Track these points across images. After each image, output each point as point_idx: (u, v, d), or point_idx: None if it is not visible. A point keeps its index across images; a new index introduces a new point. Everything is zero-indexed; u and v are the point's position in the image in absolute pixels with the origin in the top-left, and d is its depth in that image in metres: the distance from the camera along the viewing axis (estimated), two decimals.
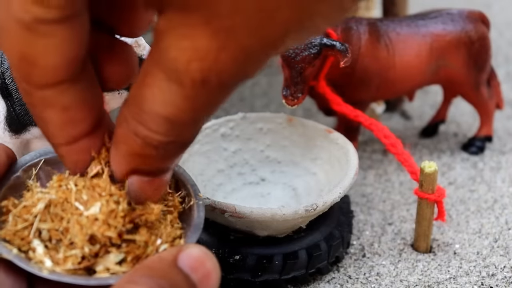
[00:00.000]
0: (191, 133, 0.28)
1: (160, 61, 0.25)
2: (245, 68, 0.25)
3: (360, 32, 0.57)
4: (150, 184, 0.30)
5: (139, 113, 0.27)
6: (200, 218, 0.35)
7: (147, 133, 0.27)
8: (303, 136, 0.57)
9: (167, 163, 0.29)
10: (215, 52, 0.23)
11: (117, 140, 0.29)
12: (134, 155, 0.28)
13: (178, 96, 0.25)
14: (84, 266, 0.30)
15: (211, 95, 0.26)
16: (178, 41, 0.24)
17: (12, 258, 0.30)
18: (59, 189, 0.31)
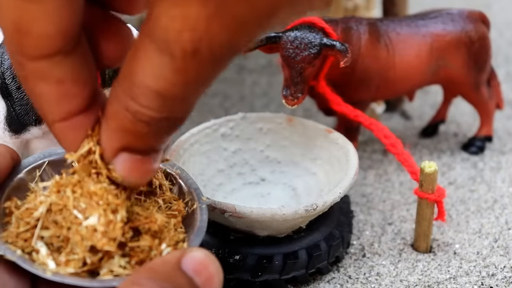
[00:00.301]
0: (183, 109, 0.27)
1: (151, 32, 0.25)
2: (237, 38, 0.24)
3: (360, 32, 0.57)
4: (140, 164, 0.29)
5: (130, 87, 0.26)
6: (203, 221, 0.35)
7: (138, 108, 0.26)
8: (303, 136, 0.57)
9: (159, 141, 0.28)
10: (206, 20, 0.23)
11: (108, 116, 0.28)
12: (125, 132, 0.28)
13: (169, 69, 0.25)
14: (88, 269, 0.30)
15: (202, 68, 0.25)
16: (168, 9, 0.23)
17: (16, 259, 0.30)
18: (58, 194, 0.31)
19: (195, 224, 0.35)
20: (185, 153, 0.53)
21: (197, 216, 0.35)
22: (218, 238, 0.49)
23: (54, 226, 0.31)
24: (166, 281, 0.27)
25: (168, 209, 0.35)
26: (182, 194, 0.37)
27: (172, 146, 0.53)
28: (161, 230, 0.33)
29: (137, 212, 0.33)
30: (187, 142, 0.54)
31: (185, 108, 0.27)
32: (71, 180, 0.32)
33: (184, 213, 0.35)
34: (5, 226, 0.32)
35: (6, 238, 0.31)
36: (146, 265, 0.28)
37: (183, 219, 0.35)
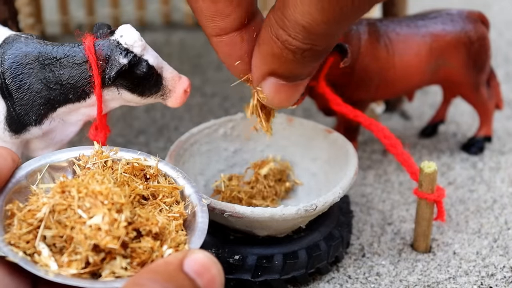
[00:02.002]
0: (325, 43, 0.31)
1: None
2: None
3: (359, 32, 0.57)
4: (285, 88, 0.33)
5: (282, 18, 0.30)
6: (204, 223, 0.35)
7: (286, 37, 0.30)
8: (302, 136, 0.57)
9: (302, 69, 0.32)
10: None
11: (260, 42, 0.32)
12: (274, 57, 0.31)
13: (315, 8, 0.28)
14: (90, 271, 0.30)
15: (343, 9, 0.28)
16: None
17: (18, 261, 0.30)
18: (62, 195, 0.31)
19: (196, 226, 0.35)
20: (185, 153, 0.53)
21: (198, 218, 0.35)
22: (218, 238, 0.49)
23: (58, 226, 0.31)
24: (168, 283, 0.27)
25: (170, 211, 0.35)
26: (183, 196, 0.37)
27: (172, 146, 0.53)
28: (162, 232, 0.33)
29: (139, 214, 0.33)
30: (187, 142, 0.54)
31: (327, 43, 0.31)
32: (76, 181, 0.32)
33: (185, 215, 0.35)
34: (7, 228, 0.32)
35: (8, 240, 0.31)
36: (149, 266, 0.29)
37: (185, 221, 0.36)
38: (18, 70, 0.46)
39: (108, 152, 0.38)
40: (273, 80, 0.33)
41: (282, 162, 0.57)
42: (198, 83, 0.81)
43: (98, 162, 0.37)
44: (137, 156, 0.39)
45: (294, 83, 0.34)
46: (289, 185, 0.55)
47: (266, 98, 0.34)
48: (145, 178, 0.37)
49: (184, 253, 0.29)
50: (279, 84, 0.33)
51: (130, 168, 0.37)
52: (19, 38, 0.48)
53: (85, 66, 0.45)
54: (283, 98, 0.34)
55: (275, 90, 0.34)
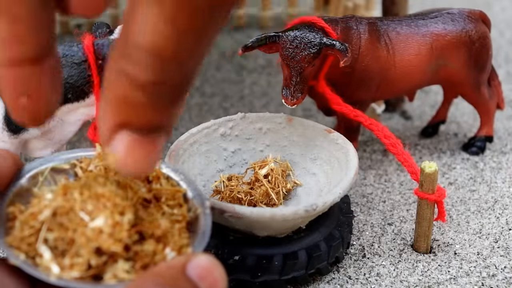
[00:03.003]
0: (181, 72, 0.25)
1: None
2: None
3: (360, 32, 0.56)
4: (141, 144, 0.26)
5: (125, 47, 0.24)
6: (207, 226, 0.35)
7: (133, 70, 0.24)
8: (302, 136, 0.57)
9: (158, 114, 0.26)
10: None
11: (105, 87, 0.26)
12: (123, 102, 0.25)
13: (159, 20, 0.23)
14: (92, 274, 0.30)
15: (195, 17, 0.23)
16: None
17: (19, 263, 0.30)
18: (64, 197, 0.31)
19: (199, 229, 0.35)
20: (185, 153, 0.53)
21: (201, 221, 0.35)
22: (217, 239, 0.48)
23: (59, 229, 0.31)
24: (170, 286, 0.27)
25: (172, 214, 0.35)
26: (186, 199, 0.37)
27: (172, 146, 0.52)
28: (165, 235, 0.33)
29: (141, 217, 0.33)
30: (187, 142, 0.54)
31: (183, 71, 0.25)
32: (79, 183, 0.32)
33: (188, 218, 0.35)
34: (9, 231, 0.32)
35: (10, 243, 0.31)
36: (151, 269, 0.28)
37: (187, 224, 0.35)
38: None
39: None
40: (126, 135, 0.26)
41: (282, 162, 0.56)
42: (198, 83, 0.80)
43: (100, 164, 0.37)
44: None
45: (151, 137, 0.26)
46: (289, 185, 0.55)
47: (118, 159, 0.26)
48: (147, 181, 0.37)
49: (187, 257, 0.28)
50: (133, 140, 0.26)
51: None
52: None
53: (84, 65, 0.45)
54: (138, 157, 0.26)
55: (129, 147, 0.26)
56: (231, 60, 0.80)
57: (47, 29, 0.27)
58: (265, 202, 0.53)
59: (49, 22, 0.27)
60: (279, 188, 0.54)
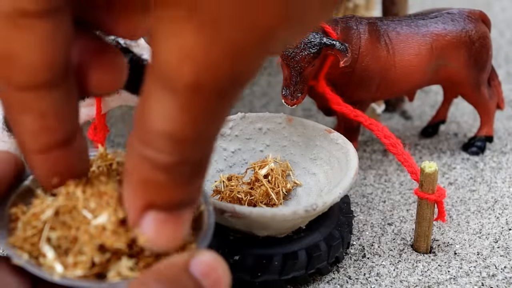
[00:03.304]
0: (199, 151, 0.26)
1: (154, 69, 0.24)
2: (239, 66, 0.23)
3: (360, 32, 0.56)
4: (168, 223, 0.27)
5: (143, 133, 0.25)
6: (211, 224, 0.35)
7: (153, 154, 0.25)
8: (302, 136, 0.57)
9: (183, 191, 0.27)
10: (203, 48, 0.22)
11: (128, 172, 0.27)
12: (146, 184, 0.26)
13: (175, 107, 0.24)
14: (96, 272, 0.30)
15: (208, 103, 0.24)
16: (165, 41, 0.22)
17: (23, 263, 0.30)
18: (67, 196, 0.31)
19: (202, 227, 0.35)
20: None
21: (205, 219, 0.35)
22: (217, 239, 0.48)
23: (62, 227, 0.31)
24: (174, 283, 0.27)
25: None
26: None
27: None
28: None
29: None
30: None
31: (201, 150, 0.26)
32: (81, 181, 0.32)
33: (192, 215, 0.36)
34: (12, 232, 0.32)
35: (13, 243, 0.31)
36: (154, 266, 0.28)
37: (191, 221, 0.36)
38: None
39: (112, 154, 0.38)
40: (153, 215, 0.27)
41: (282, 162, 0.56)
42: None
43: (103, 165, 0.37)
44: None
45: (178, 213, 0.27)
46: (289, 185, 0.55)
47: (149, 240, 0.28)
48: None
49: (190, 254, 0.28)
50: (161, 218, 0.27)
51: None
52: None
53: None
54: (170, 235, 0.28)
55: (158, 227, 0.27)
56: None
57: (72, 117, 0.28)
58: (265, 202, 0.53)
59: (74, 111, 0.28)
60: (279, 188, 0.54)
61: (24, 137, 0.28)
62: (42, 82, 0.26)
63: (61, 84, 0.27)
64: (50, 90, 0.27)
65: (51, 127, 0.28)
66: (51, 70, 0.26)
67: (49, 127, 0.28)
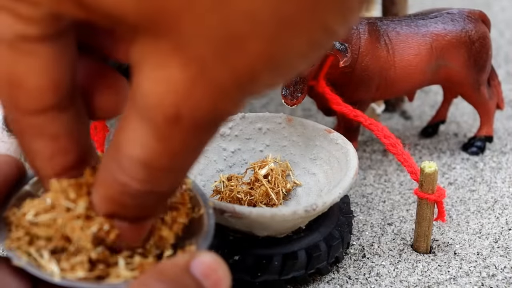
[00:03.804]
0: (169, 183, 0.26)
1: (134, 98, 0.24)
2: (220, 105, 0.23)
3: (359, 32, 0.56)
4: (129, 229, 0.29)
5: (118, 157, 0.25)
6: (211, 226, 0.35)
7: (125, 179, 0.26)
8: (302, 136, 0.57)
9: (144, 212, 0.28)
10: (187, 83, 0.22)
11: (98, 183, 0.28)
12: (112, 201, 0.27)
13: (152, 138, 0.24)
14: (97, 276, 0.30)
15: (186, 136, 0.24)
16: (149, 73, 0.22)
17: (23, 265, 0.30)
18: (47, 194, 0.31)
19: (202, 229, 0.35)
20: None
21: (205, 221, 0.36)
22: (217, 239, 0.48)
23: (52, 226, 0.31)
24: (175, 284, 0.27)
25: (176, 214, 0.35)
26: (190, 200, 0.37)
27: None
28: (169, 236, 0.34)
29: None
30: None
31: (172, 182, 0.26)
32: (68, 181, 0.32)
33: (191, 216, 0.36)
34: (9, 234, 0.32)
35: (8, 245, 0.31)
36: (155, 267, 0.29)
37: (191, 224, 0.36)
38: None
39: None
40: (115, 221, 0.29)
41: (282, 162, 0.56)
42: None
43: None
44: None
45: (140, 224, 0.29)
46: (289, 185, 0.55)
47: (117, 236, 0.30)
48: None
49: (191, 255, 0.29)
50: (124, 226, 0.29)
51: None
52: None
53: None
54: (128, 238, 0.29)
55: (120, 231, 0.29)
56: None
57: (85, 137, 0.29)
58: (265, 202, 0.53)
59: (85, 131, 0.29)
60: (278, 188, 0.54)
61: (39, 164, 0.29)
62: (50, 106, 0.27)
63: (69, 106, 0.27)
64: (60, 113, 0.27)
65: (65, 149, 0.28)
66: (58, 93, 0.26)
67: (62, 149, 0.28)
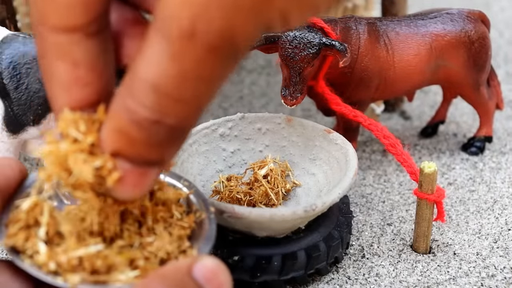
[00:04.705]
0: (178, 114, 0.25)
1: (155, 18, 0.24)
2: (233, 23, 0.23)
3: (359, 32, 0.56)
4: (131, 175, 0.28)
5: (130, 82, 0.25)
6: (212, 230, 0.35)
7: (134, 106, 0.25)
8: (302, 136, 0.57)
9: (151, 151, 0.27)
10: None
11: (108, 115, 0.27)
12: (120, 134, 0.26)
13: (165, 55, 0.24)
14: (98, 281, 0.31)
15: (199, 57, 0.24)
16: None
17: (26, 266, 0.30)
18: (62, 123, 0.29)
19: (204, 233, 0.35)
20: (184, 154, 0.53)
21: (206, 225, 0.36)
22: (216, 239, 0.48)
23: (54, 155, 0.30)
24: (178, 287, 0.27)
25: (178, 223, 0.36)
26: (191, 204, 0.38)
27: None
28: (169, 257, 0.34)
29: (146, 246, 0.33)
30: (186, 143, 0.54)
31: (181, 114, 0.26)
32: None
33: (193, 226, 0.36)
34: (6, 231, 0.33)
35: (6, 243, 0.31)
36: (158, 271, 0.29)
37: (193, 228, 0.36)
38: (16, 70, 0.46)
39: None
40: (119, 162, 0.27)
41: (281, 163, 0.56)
42: None
43: None
44: None
45: (143, 170, 0.28)
46: (289, 185, 0.55)
47: (114, 182, 0.28)
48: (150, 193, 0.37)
49: (193, 259, 0.29)
50: (125, 168, 0.27)
51: None
52: (17, 37, 0.48)
53: None
54: (127, 185, 0.28)
55: (120, 174, 0.28)
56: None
57: (107, 73, 0.28)
58: (264, 203, 0.53)
59: (109, 66, 0.28)
60: (278, 189, 0.54)
61: (57, 92, 0.28)
62: (79, 25, 0.26)
63: (96, 33, 0.27)
64: (86, 37, 0.27)
65: (85, 80, 0.28)
66: (88, 14, 0.26)
67: (82, 79, 0.27)
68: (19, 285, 0.30)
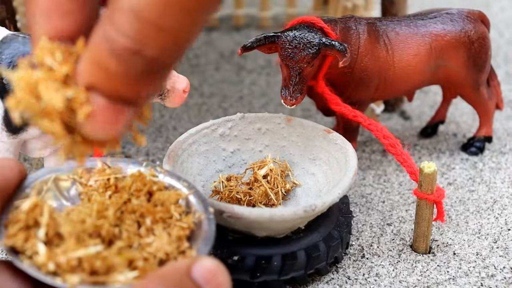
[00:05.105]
0: (158, 46, 0.25)
1: None
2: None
3: (359, 32, 0.56)
4: (104, 111, 0.26)
5: (112, 9, 0.24)
6: (211, 231, 0.36)
7: (114, 34, 0.24)
8: (301, 136, 0.57)
9: (128, 86, 0.26)
10: None
11: (88, 46, 0.26)
12: (98, 65, 0.25)
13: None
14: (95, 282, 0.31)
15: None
16: None
17: (25, 267, 0.30)
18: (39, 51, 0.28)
19: (203, 234, 0.35)
20: (184, 154, 0.53)
21: (205, 226, 0.36)
22: (216, 239, 0.48)
23: (26, 81, 0.28)
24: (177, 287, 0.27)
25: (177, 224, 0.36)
26: (189, 205, 0.38)
27: (171, 147, 0.52)
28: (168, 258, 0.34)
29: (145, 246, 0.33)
30: (185, 143, 0.54)
31: (161, 42, 0.25)
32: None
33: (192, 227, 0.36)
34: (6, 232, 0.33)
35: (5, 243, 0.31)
36: (157, 271, 0.29)
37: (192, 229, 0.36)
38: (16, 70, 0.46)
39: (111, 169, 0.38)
40: (93, 97, 0.26)
41: (281, 163, 0.56)
42: (197, 83, 0.80)
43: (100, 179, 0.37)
44: (143, 170, 0.39)
45: (117, 106, 0.26)
46: (288, 185, 0.55)
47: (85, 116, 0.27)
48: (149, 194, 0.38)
49: (192, 260, 0.29)
50: (98, 103, 0.26)
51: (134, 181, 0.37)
52: (17, 37, 0.48)
53: None
54: (99, 122, 0.26)
55: (93, 111, 0.26)
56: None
57: (89, 5, 0.27)
58: (264, 203, 0.53)
59: (94, 5, 0.27)
60: (278, 189, 0.54)
61: (37, 18, 0.27)
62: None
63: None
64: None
65: (64, 6, 0.26)
66: None
67: (62, 6, 0.26)
68: (18, 285, 0.30)
